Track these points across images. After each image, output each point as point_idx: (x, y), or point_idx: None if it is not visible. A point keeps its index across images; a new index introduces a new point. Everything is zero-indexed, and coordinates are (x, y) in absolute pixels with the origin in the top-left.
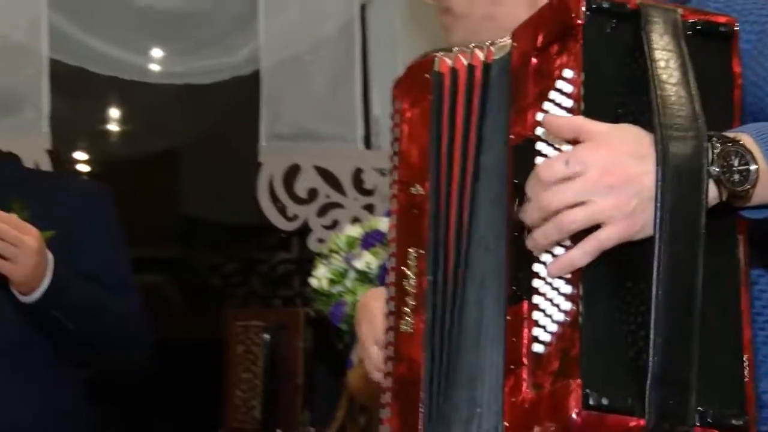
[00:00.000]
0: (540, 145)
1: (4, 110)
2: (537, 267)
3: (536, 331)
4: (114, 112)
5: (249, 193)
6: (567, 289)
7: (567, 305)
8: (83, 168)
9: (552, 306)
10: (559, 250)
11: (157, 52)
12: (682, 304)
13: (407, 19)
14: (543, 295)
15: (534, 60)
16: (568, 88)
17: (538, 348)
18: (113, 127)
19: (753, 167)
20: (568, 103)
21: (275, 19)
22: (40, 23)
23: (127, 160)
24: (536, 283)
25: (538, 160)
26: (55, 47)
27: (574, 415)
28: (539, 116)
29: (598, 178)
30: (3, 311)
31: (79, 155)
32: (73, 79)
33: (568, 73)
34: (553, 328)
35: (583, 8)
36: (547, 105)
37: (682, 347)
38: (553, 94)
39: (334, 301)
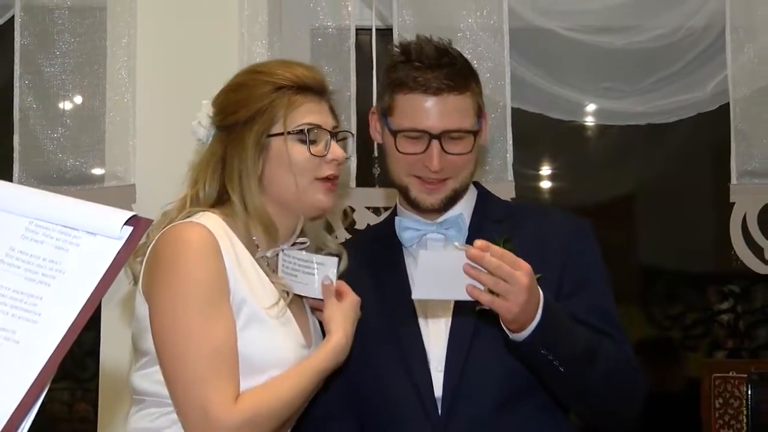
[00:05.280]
0: None
1: None
2: None
3: None
4: (570, 157)
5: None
6: None
7: None
8: None
9: None
10: None
11: (616, 93)
12: None
13: None
14: None
15: None
16: None
17: None
18: (571, 172)
19: None
20: None
21: (744, 48)
22: (504, 73)
23: (585, 207)
24: None
25: None
26: (515, 95)
27: None
28: None
29: None
30: (502, 353)
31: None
32: (532, 127)
33: None
34: None
35: None
36: None
37: None
38: None
39: None
